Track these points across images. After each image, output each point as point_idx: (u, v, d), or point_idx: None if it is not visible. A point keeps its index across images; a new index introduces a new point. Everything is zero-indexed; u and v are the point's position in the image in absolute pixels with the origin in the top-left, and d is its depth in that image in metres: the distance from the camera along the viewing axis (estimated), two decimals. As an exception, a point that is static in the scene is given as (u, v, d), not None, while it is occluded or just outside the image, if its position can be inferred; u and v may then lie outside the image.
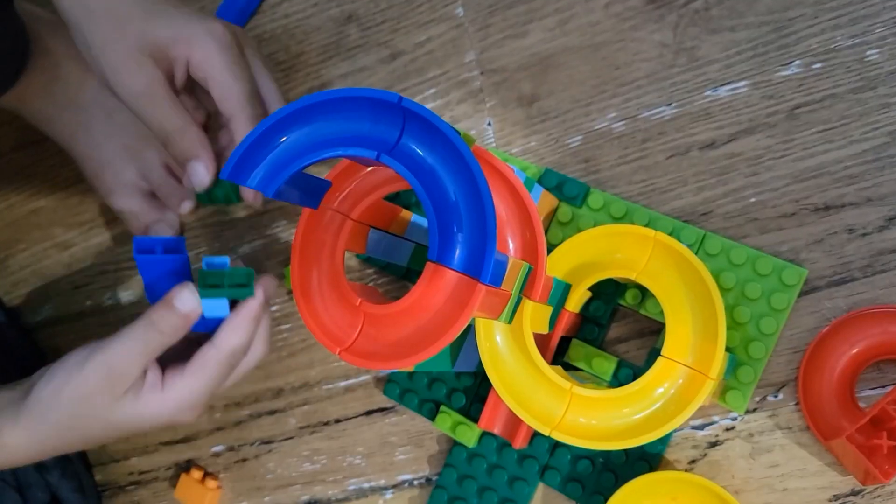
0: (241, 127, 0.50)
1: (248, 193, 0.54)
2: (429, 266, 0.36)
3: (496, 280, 0.37)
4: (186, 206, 0.65)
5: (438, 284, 0.37)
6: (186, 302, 0.44)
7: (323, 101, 0.36)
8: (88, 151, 0.64)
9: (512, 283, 0.39)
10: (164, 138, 0.51)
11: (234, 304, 0.45)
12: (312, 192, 0.41)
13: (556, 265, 0.48)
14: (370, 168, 0.43)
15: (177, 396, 0.46)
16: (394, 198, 0.56)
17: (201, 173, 0.51)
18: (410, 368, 0.45)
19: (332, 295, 0.42)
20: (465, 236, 0.36)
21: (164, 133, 0.51)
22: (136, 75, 0.50)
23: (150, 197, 0.65)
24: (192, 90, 0.56)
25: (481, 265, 0.36)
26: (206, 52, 0.50)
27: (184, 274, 0.46)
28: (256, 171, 0.36)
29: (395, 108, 0.36)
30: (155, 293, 0.45)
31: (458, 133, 0.36)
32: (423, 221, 0.51)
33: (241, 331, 0.45)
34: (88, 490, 0.63)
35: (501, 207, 0.44)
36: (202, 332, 0.46)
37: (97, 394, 0.45)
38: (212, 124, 0.57)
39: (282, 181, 0.36)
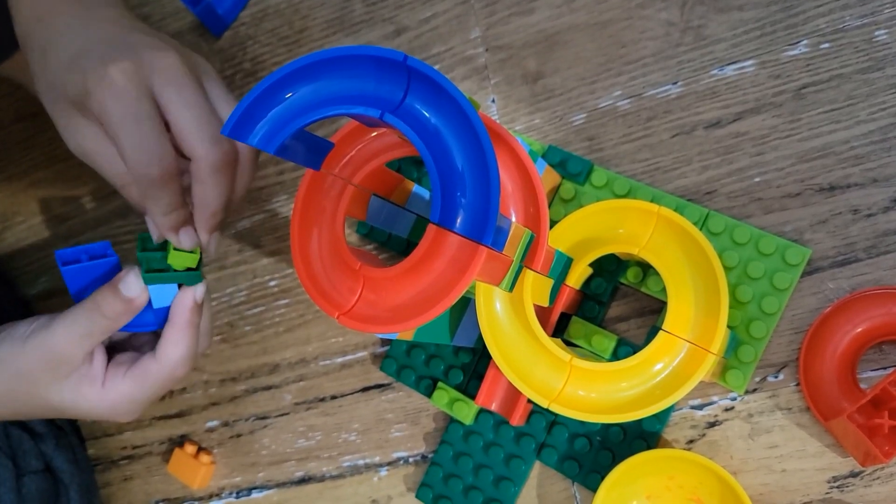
0: (202, 171, 0.42)
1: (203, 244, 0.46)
2: (430, 228, 0.36)
3: (498, 244, 0.37)
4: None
5: (440, 247, 0.36)
6: (131, 287, 0.43)
7: (327, 58, 0.36)
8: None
9: (514, 249, 0.39)
10: (114, 186, 0.45)
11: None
12: (314, 151, 0.41)
13: (559, 240, 0.48)
14: (374, 134, 0.43)
15: (114, 398, 0.46)
16: (396, 170, 0.56)
17: (152, 229, 0.45)
18: (410, 336, 0.45)
19: (332, 259, 0.41)
20: (469, 199, 0.36)
21: (114, 184, 0.45)
22: (74, 135, 0.44)
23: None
24: None
25: (484, 228, 0.35)
26: (158, 87, 0.41)
27: (114, 273, 0.46)
28: (258, 128, 0.36)
29: (400, 67, 0.35)
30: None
31: (464, 95, 0.36)
32: (426, 193, 0.50)
33: (182, 343, 0.45)
34: (81, 462, 0.63)
35: (506, 178, 0.43)
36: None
37: (38, 373, 0.44)
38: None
39: (284, 138, 0.36)
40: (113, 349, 0.48)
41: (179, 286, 0.45)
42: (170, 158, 0.41)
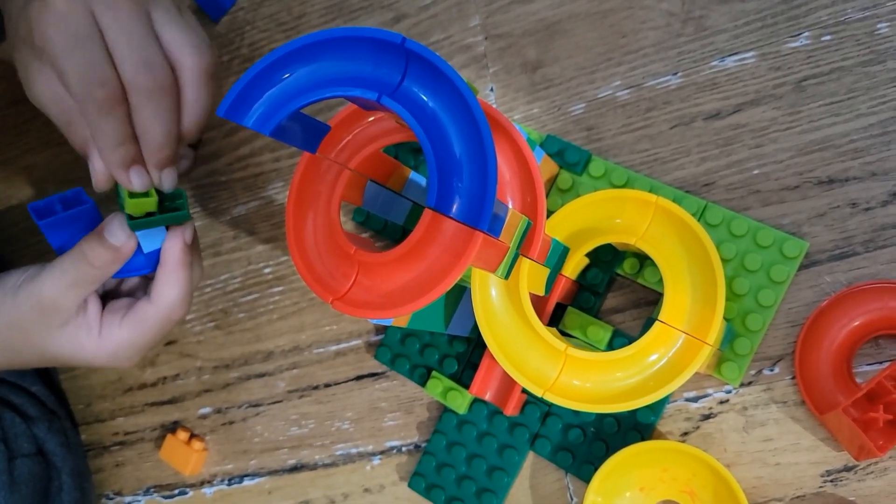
0: (134, 101, 0.41)
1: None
2: (426, 213, 0.36)
3: (494, 230, 0.37)
4: (184, 164, 0.64)
5: (435, 232, 0.36)
6: (116, 234, 0.43)
7: (325, 39, 0.35)
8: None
9: (510, 235, 0.39)
10: (60, 129, 0.44)
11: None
12: (311, 134, 0.40)
13: (556, 229, 0.47)
14: (371, 118, 0.43)
15: (112, 345, 0.45)
16: (393, 157, 0.56)
17: (92, 174, 0.44)
18: (404, 323, 0.45)
19: (327, 244, 0.41)
20: (465, 184, 0.35)
21: (56, 123, 0.44)
22: (29, 81, 0.43)
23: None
24: None
25: (480, 214, 0.35)
26: (98, 12, 0.41)
27: (95, 222, 0.45)
28: (255, 109, 0.35)
29: (398, 50, 0.35)
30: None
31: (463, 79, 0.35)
32: (423, 180, 0.50)
33: (177, 285, 0.44)
34: (74, 447, 0.62)
35: (503, 165, 0.43)
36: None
37: (31, 323, 0.44)
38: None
39: (280, 120, 0.35)
40: (105, 296, 0.47)
41: (167, 228, 0.44)
42: (114, 82, 0.40)
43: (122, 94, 0.41)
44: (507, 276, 0.40)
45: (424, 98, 0.36)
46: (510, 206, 0.42)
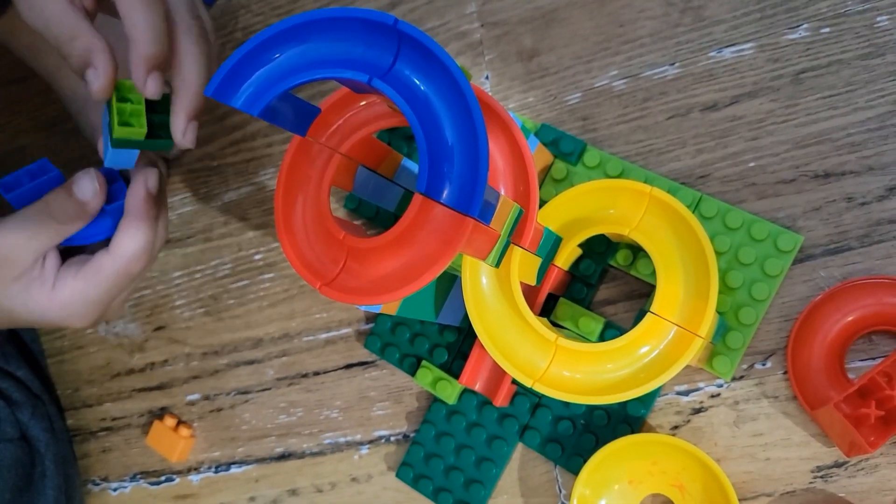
0: (136, 57, 0.41)
1: (177, 130, 0.43)
2: (416, 198, 0.35)
3: (485, 217, 0.36)
4: (175, 150, 0.64)
5: (425, 218, 0.35)
6: (85, 189, 0.41)
7: (316, 19, 0.35)
8: (74, 88, 0.63)
9: (501, 223, 0.38)
10: (62, 52, 0.43)
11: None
12: (301, 116, 0.40)
13: (549, 219, 0.47)
14: (363, 103, 0.42)
15: (65, 299, 0.43)
16: (386, 143, 0.55)
17: (93, 81, 0.41)
18: (394, 310, 0.44)
19: (316, 228, 0.40)
20: (456, 169, 0.35)
21: (60, 45, 0.42)
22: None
23: (138, 138, 0.64)
24: None
25: (471, 200, 0.34)
26: None
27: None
28: (244, 89, 0.35)
29: (390, 31, 0.35)
30: None
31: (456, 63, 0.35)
32: (415, 167, 0.50)
33: (138, 236, 0.42)
34: (59, 432, 0.62)
35: (496, 152, 0.43)
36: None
37: None
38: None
39: (269, 100, 0.35)
40: (68, 253, 0.45)
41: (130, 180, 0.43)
42: None
43: None
44: (497, 265, 0.40)
45: (417, 81, 0.35)
46: (502, 193, 0.41)
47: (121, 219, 0.43)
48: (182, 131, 0.42)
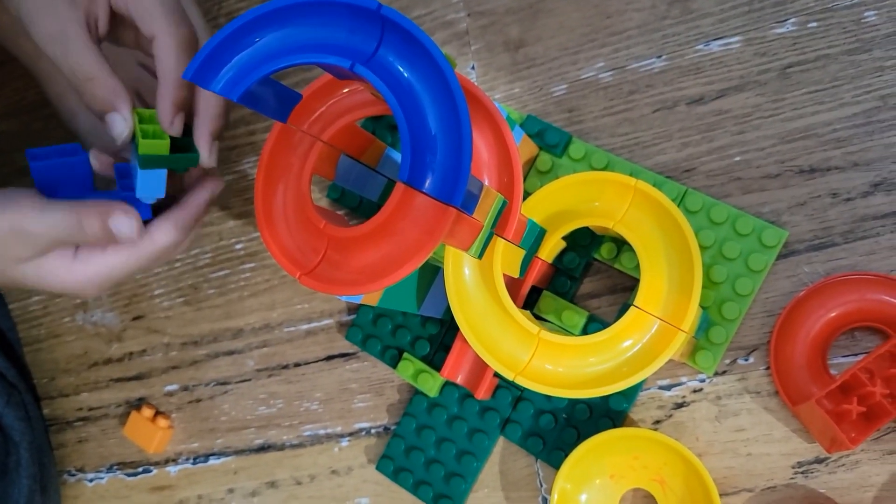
0: (164, 47, 0.42)
1: (204, 152, 0.45)
2: (398, 187, 0.35)
3: (468, 207, 0.36)
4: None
5: (407, 207, 0.35)
6: (122, 229, 0.42)
7: (298, 3, 0.34)
8: (52, 72, 0.62)
9: (484, 214, 0.38)
10: (76, 86, 0.44)
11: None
12: (282, 102, 0.39)
13: (533, 211, 0.47)
14: (346, 90, 0.41)
15: (89, 273, 0.43)
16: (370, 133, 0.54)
17: (118, 125, 0.43)
18: (375, 301, 0.44)
19: (296, 218, 0.40)
20: (439, 158, 0.34)
21: (77, 81, 0.44)
22: (50, 17, 0.43)
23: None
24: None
25: (454, 189, 0.34)
26: None
27: (86, 177, 0.44)
28: (223, 73, 0.34)
29: (373, 17, 0.34)
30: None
31: (441, 50, 0.34)
32: (399, 156, 0.49)
33: (185, 228, 0.43)
34: (35, 421, 0.61)
35: (480, 143, 0.42)
36: None
37: (3, 250, 0.41)
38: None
39: (249, 85, 0.34)
40: None
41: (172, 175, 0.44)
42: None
43: None
44: (480, 256, 0.39)
45: (400, 68, 0.35)
46: (486, 184, 0.41)
47: (176, 209, 0.43)
48: (208, 152, 0.43)
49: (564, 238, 0.47)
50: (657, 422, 0.48)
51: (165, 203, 0.44)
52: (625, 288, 0.50)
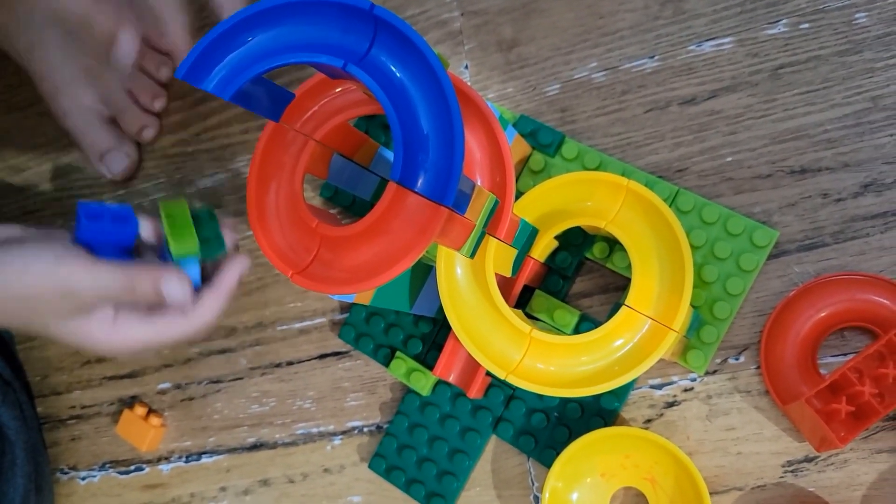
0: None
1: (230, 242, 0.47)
2: (390, 186, 0.35)
3: (460, 206, 0.36)
4: (149, 132, 0.63)
5: (399, 206, 0.35)
6: (174, 293, 0.43)
7: (290, 2, 0.34)
8: (45, 70, 0.62)
9: (476, 213, 0.38)
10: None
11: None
12: (274, 101, 0.39)
13: (526, 210, 0.47)
14: (339, 89, 0.42)
15: (127, 340, 0.44)
16: (363, 132, 0.54)
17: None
18: (367, 300, 0.44)
19: (289, 216, 0.40)
20: (431, 158, 0.34)
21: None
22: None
23: (109, 123, 0.63)
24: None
25: (445, 189, 0.34)
26: None
27: (130, 241, 0.45)
28: (215, 72, 0.34)
29: (366, 16, 0.34)
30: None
31: (433, 50, 0.34)
32: (391, 155, 0.49)
33: (217, 309, 0.45)
34: (29, 420, 0.61)
35: (473, 142, 0.42)
36: None
37: (43, 303, 0.42)
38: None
39: (241, 84, 0.34)
40: None
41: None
42: None
43: None
44: (472, 256, 0.39)
45: (392, 68, 0.35)
46: (478, 184, 0.41)
47: (209, 290, 0.45)
48: (233, 242, 0.45)
49: (557, 237, 0.47)
50: (648, 420, 0.48)
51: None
52: (617, 287, 0.50)
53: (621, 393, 0.48)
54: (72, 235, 0.44)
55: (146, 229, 0.46)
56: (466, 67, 0.55)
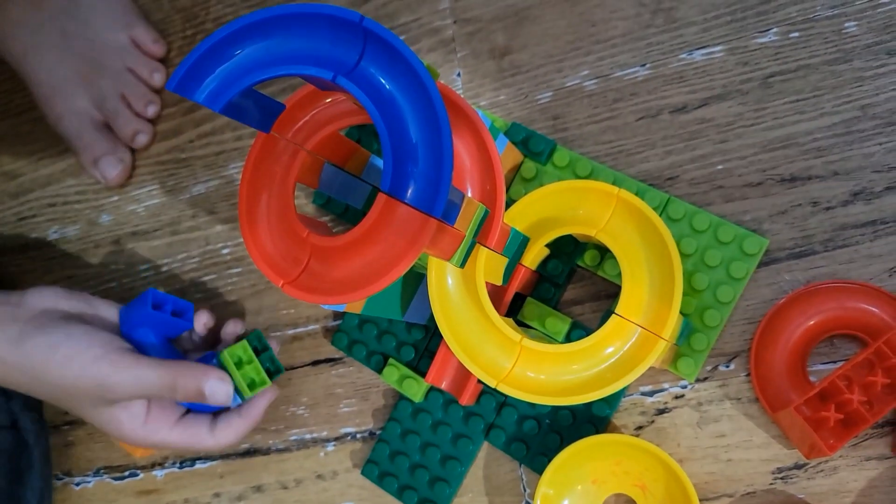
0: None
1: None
2: (380, 197, 0.35)
3: (449, 217, 0.36)
4: (143, 139, 0.63)
5: (389, 217, 0.35)
6: (217, 395, 0.45)
7: (280, 15, 0.34)
8: (40, 74, 0.62)
9: (466, 223, 0.38)
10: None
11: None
12: (265, 112, 0.39)
13: (517, 218, 0.47)
14: (329, 100, 0.42)
15: (154, 440, 0.48)
16: (356, 142, 0.55)
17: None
18: (359, 309, 0.44)
19: (280, 226, 0.40)
20: (421, 169, 0.35)
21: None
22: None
23: (103, 128, 0.63)
24: None
25: (434, 200, 0.34)
26: None
27: (177, 334, 0.50)
28: (206, 84, 0.34)
29: (356, 29, 0.34)
30: (134, 337, 0.48)
31: (422, 62, 0.34)
32: (382, 163, 0.49)
33: (242, 431, 0.49)
34: (44, 426, 0.62)
35: (463, 152, 0.42)
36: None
37: (84, 395, 0.45)
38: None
39: (231, 96, 0.34)
40: None
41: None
42: None
43: None
44: (462, 265, 0.39)
45: (382, 80, 0.35)
46: (468, 194, 0.41)
47: (238, 414, 0.49)
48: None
49: (548, 245, 0.47)
50: (639, 427, 0.49)
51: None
52: (608, 294, 0.50)
53: (612, 400, 0.48)
54: (119, 316, 0.48)
55: (199, 323, 0.51)
56: (459, 75, 0.56)
